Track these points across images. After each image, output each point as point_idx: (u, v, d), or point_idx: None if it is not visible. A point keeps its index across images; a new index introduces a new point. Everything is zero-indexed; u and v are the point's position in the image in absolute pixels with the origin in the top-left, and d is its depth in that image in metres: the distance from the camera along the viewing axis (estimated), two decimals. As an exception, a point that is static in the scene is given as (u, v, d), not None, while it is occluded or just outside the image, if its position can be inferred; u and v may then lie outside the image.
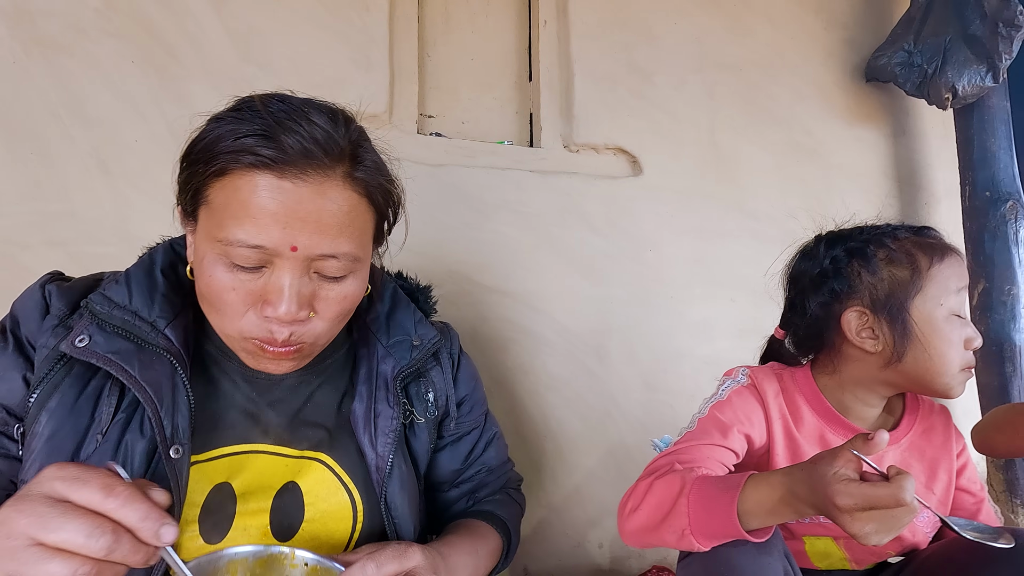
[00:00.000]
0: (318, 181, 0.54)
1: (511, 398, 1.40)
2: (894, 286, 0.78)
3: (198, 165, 0.56)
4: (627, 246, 1.55)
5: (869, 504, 0.51)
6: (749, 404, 0.81)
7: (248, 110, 0.55)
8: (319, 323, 0.58)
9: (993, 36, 1.62)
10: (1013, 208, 1.70)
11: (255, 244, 0.53)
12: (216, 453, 0.59)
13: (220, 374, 0.63)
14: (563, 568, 1.37)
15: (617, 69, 1.60)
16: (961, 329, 0.78)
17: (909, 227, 0.85)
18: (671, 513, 0.65)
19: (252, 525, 0.58)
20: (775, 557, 0.64)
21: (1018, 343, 1.66)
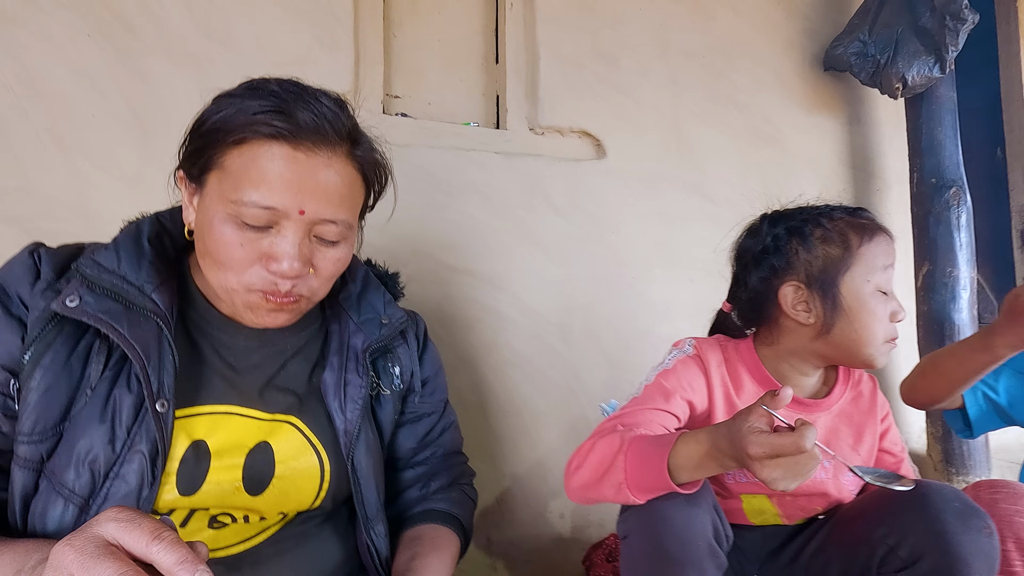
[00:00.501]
0: (327, 155, 0.61)
1: (476, 375, 1.44)
2: (827, 263, 0.83)
3: (217, 135, 0.60)
4: (591, 228, 1.59)
5: (775, 452, 0.56)
6: (692, 372, 0.86)
7: (263, 89, 0.62)
8: (315, 280, 0.64)
9: (941, 28, 1.69)
10: (956, 195, 1.79)
11: (268, 205, 0.58)
12: (194, 411, 0.63)
13: (201, 339, 0.66)
14: (525, 537, 1.43)
15: (583, 53, 1.63)
16: (886, 304, 0.83)
17: (845, 208, 0.90)
18: (610, 469, 0.70)
19: (225, 480, 0.61)
20: (704, 509, 0.69)
21: (957, 322, 1.76)
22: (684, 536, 0.69)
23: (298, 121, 0.59)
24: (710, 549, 0.70)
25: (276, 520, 0.66)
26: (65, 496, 0.56)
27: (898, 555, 0.73)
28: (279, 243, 0.60)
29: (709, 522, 0.70)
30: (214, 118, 0.61)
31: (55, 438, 0.57)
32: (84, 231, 1.14)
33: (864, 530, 0.78)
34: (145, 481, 0.57)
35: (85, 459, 0.56)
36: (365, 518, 0.69)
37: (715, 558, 0.71)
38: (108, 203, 1.17)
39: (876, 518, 0.77)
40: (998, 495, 0.84)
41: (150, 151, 1.21)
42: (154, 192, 1.19)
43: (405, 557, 0.70)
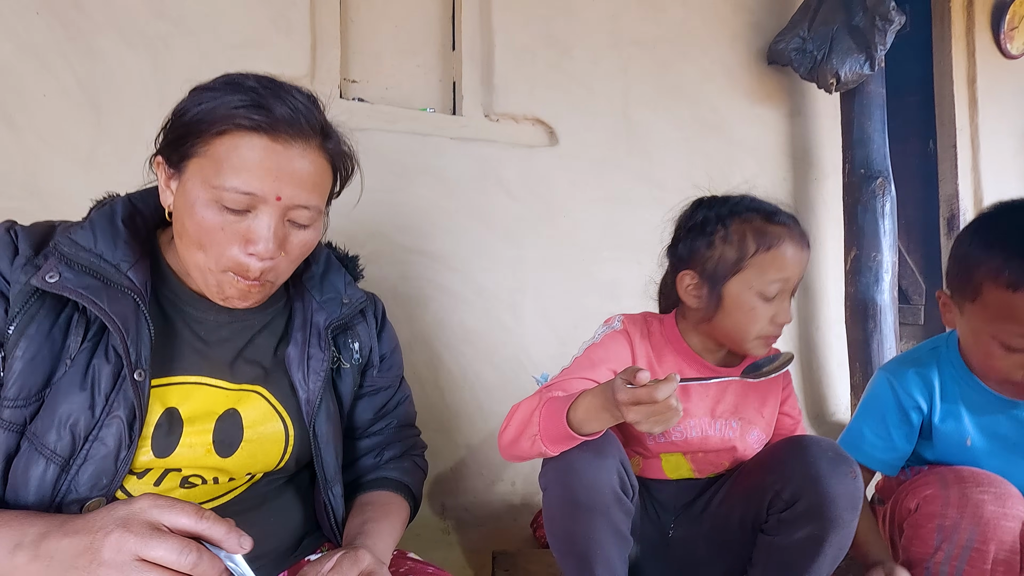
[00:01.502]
0: (301, 146, 0.66)
1: (430, 351, 1.51)
2: (720, 263, 0.90)
3: (200, 125, 0.65)
4: (542, 211, 1.66)
5: (635, 400, 0.66)
6: (619, 345, 0.94)
7: (242, 84, 0.66)
8: (283, 262, 0.69)
9: (871, 28, 1.80)
10: (882, 185, 1.93)
11: (248, 191, 0.63)
12: (168, 381, 0.68)
13: (174, 314, 0.71)
14: (478, 503, 1.52)
15: (537, 42, 1.68)
16: (767, 308, 0.89)
17: (765, 210, 0.92)
18: (528, 423, 0.79)
19: (197, 443, 0.67)
20: (610, 463, 0.79)
21: (880, 303, 1.91)
22: (592, 485, 0.78)
23: (275, 114, 0.64)
24: (616, 496, 0.80)
25: (244, 480, 0.72)
26: (47, 456, 0.60)
27: (782, 498, 0.83)
28: (256, 226, 0.65)
29: (615, 474, 0.79)
30: (195, 110, 0.65)
31: (38, 403, 0.61)
32: (36, 209, 1.15)
33: (758, 480, 0.88)
34: (123, 444, 0.62)
35: (66, 423, 0.60)
36: (324, 480, 0.76)
37: (621, 504, 0.81)
38: (60, 182, 1.19)
39: (767, 468, 0.88)
40: (986, 495, 0.85)
41: (103, 130, 1.23)
42: (107, 171, 1.22)
43: (358, 521, 0.77)
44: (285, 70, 1.39)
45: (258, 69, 1.37)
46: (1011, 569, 0.83)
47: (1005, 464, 0.92)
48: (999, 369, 0.88)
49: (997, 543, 0.83)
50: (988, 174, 2.71)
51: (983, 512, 0.83)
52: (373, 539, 0.72)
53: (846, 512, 0.80)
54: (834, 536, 0.80)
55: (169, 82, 1.27)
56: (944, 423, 0.96)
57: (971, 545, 0.84)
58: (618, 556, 0.84)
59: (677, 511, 0.97)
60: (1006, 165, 2.78)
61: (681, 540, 0.97)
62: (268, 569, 0.72)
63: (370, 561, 0.65)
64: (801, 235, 0.92)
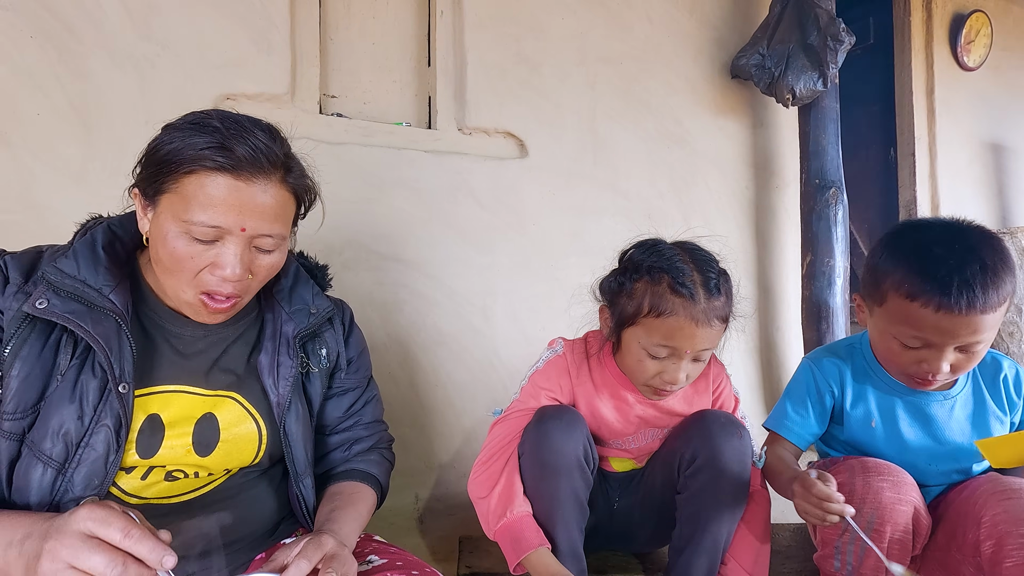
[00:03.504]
0: (263, 183, 0.73)
1: (405, 352, 1.61)
2: (623, 313, 0.98)
3: (167, 165, 0.71)
4: (512, 220, 1.76)
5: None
6: (559, 371, 1.05)
7: (206, 125, 0.72)
8: (252, 282, 0.77)
9: (824, 47, 1.92)
10: (835, 194, 2.05)
11: (215, 225, 0.71)
12: (150, 390, 0.76)
13: (154, 331, 0.79)
14: (449, 494, 1.62)
15: (507, 59, 1.78)
16: (653, 365, 0.96)
17: (677, 275, 0.93)
18: (488, 516, 0.97)
19: (178, 445, 0.76)
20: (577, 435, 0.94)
21: (832, 305, 2.04)
22: (560, 450, 0.93)
23: (237, 154, 0.71)
24: (579, 463, 0.95)
25: (222, 474, 0.81)
26: (44, 461, 0.69)
27: (686, 459, 0.99)
28: (224, 254, 0.73)
29: (580, 445, 0.94)
30: (166, 149, 0.72)
31: (34, 415, 0.70)
32: (30, 222, 1.23)
33: (671, 447, 1.04)
34: (111, 448, 0.70)
35: (59, 432, 0.69)
36: (295, 474, 0.85)
37: (582, 471, 0.95)
38: (54, 196, 1.27)
39: (677, 437, 1.04)
40: (885, 483, 0.94)
41: (93, 147, 1.31)
42: (97, 186, 1.31)
43: (327, 509, 0.86)
44: (266, 88, 1.48)
45: (240, 88, 1.46)
46: (904, 548, 0.94)
47: (899, 441, 1.05)
48: (899, 363, 1.00)
49: (892, 524, 0.92)
50: (944, 181, 2.85)
51: (882, 498, 0.93)
52: (339, 524, 0.81)
53: (733, 463, 0.96)
54: (725, 482, 0.96)
55: (156, 101, 1.36)
56: (854, 408, 1.08)
57: (871, 526, 0.94)
58: (575, 521, 0.97)
59: (622, 488, 1.12)
60: (961, 172, 2.92)
61: (623, 510, 1.11)
62: (246, 551, 0.82)
63: (333, 545, 0.72)
64: (704, 312, 0.92)
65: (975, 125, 3.01)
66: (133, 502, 0.74)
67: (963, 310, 0.87)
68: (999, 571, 0.86)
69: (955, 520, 0.97)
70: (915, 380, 1.00)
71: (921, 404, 1.05)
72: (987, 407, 1.05)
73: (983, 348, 0.94)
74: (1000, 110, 3.16)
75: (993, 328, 0.91)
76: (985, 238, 0.94)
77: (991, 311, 0.88)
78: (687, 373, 0.96)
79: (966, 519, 0.94)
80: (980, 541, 0.89)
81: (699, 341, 0.93)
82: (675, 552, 1.02)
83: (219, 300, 0.76)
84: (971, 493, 0.96)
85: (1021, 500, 0.88)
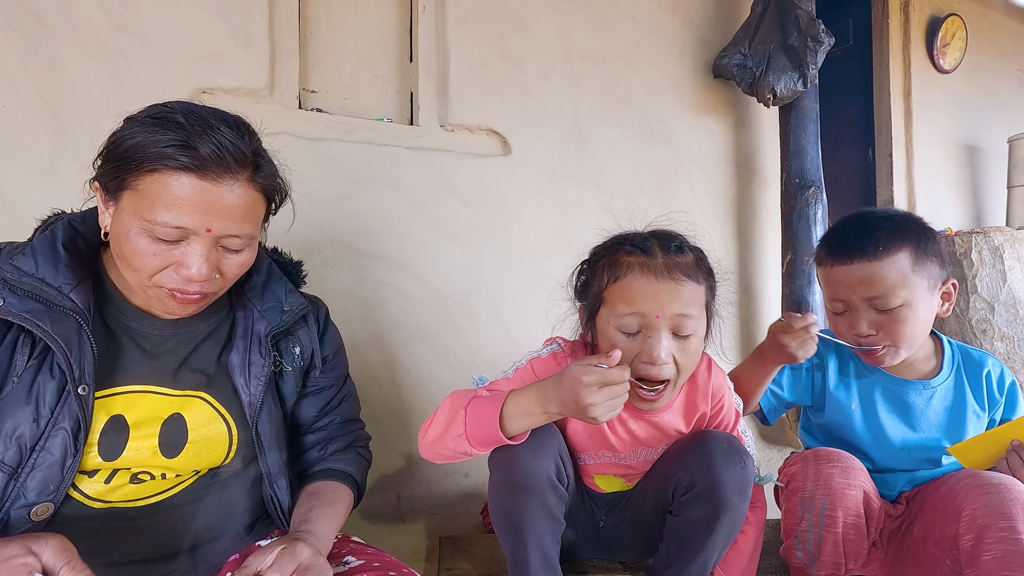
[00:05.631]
0: (229, 183, 0.70)
1: (387, 351, 1.59)
2: (592, 298, 0.91)
3: (128, 162, 0.68)
4: (496, 218, 1.75)
5: (605, 380, 0.72)
6: (556, 369, 0.92)
7: (170, 120, 0.69)
8: (222, 281, 0.75)
9: (804, 48, 1.94)
10: (815, 193, 2.07)
11: (179, 225, 0.68)
12: (113, 391, 0.73)
13: (119, 329, 0.77)
14: (432, 494, 1.61)
15: (491, 55, 1.77)
16: (629, 345, 0.85)
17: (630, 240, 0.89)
18: (452, 422, 0.83)
19: (143, 446, 0.73)
20: (549, 453, 0.87)
21: (812, 303, 2.06)
22: (530, 470, 0.86)
23: (201, 154, 0.67)
24: (550, 483, 0.88)
25: (190, 475, 0.79)
26: None
27: (682, 484, 0.92)
28: (189, 254, 0.70)
29: (552, 463, 0.87)
30: (127, 144, 0.68)
31: None
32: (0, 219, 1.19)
33: (666, 469, 0.96)
34: (68, 452, 0.68)
35: (12, 435, 0.66)
36: (268, 474, 0.83)
37: (555, 490, 0.88)
38: (22, 189, 1.23)
39: (673, 459, 0.96)
40: (834, 469, 0.96)
41: (64, 141, 1.27)
42: (68, 181, 1.26)
43: (303, 509, 0.84)
44: (244, 83, 1.45)
45: (217, 83, 1.43)
46: (859, 531, 0.97)
47: (876, 425, 1.08)
48: (839, 335, 1.06)
49: (844, 509, 0.95)
50: (921, 182, 2.91)
51: (832, 484, 0.96)
52: (316, 526, 0.79)
53: (734, 496, 0.89)
54: (724, 516, 0.90)
55: (129, 94, 1.32)
56: (837, 390, 1.11)
57: (824, 512, 0.96)
58: (550, 535, 0.92)
59: (608, 508, 1.07)
60: (937, 173, 2.98)
61: (610, 527, 1.07)
62: (218, 553, 0.80)
63: (308, 554, 0.71)
64: (665, 265, 0.85)
65: (951, 127, 3.08)
66: (96, 506, 0.72)
67: (850, 258, 0.99)
68: (977, 564, 0.87)
69: (933, 514, 0.98)
70: (866, 355, 1.04)
71: (900, 392, 1.08)
72: (966, 401, 1.07)
73: (903, 311, 0.98)
74: (975, 112, 3.23)
75: (895, 284, 0.97)
76: (887, 213, 1.04)
77: (877, 259, 0.97)
78: (670, 352, 0.85)
79: (945, 513, 0.95)
80: (959, 535, 0.90)
81: (666, 299, 0.83)
82: (662, 564, 0.99)
83: (187, 293, 0.74)
84: (950, 488, 0.97)
85: (1001, 495, 0.89)
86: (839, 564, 0.97)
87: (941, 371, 1.08)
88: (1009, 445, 0.95)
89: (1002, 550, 0.85)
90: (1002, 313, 2.27)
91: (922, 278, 0.99)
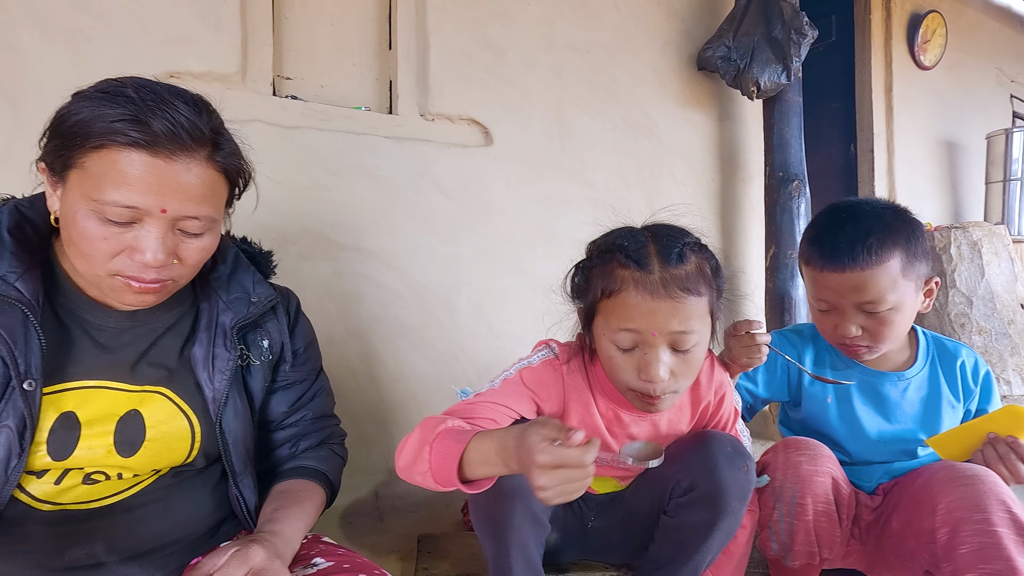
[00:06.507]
0: (185, 161, 0.66)
1: (365, 345, 1.55)
2: (587, 306, 0.86)
3: (74, 139, 0.64)
4: (477, 210, 1.72)
5: (560, 463, 0.59)
6: (552, 377, 0.89)
7: (120, 95, 0.64)
8: (182, 268, 0.70)
9: (788, 41, 1.93)
10: (798, 187, 2.07)
11: (129, 205, 0.64)
12: (63, 387, 0.69)
13: (71, 321, 0.72)
14: (411, 491, 1.57)
15: (472, 44, 1.73)
16: (625, 361, 0.81)
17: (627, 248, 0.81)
18: (418, 458, 0.74)
19: (97, 445, 0.69)
20: None
21: (794, 297, 2.06)
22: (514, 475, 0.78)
23: (154, 130, 0.63)
24: None
25: (149, 475, 0.75)
26: None
27: (682, 486, 0.88)
28: (143, 237, 0.66)
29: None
30: (73, 120, 0.64)
31: None
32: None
33: (664, 471, 0.87)
34: (13, 452, 0.64)
35: None
36: (233, 473, 0.80)
37: None
38: (-24, 177, 1.17)
39: (673, 459, 0.87)
40: (802, 457, 0.96)
41: (21, 126, 1.21)
42: (24, 168, 1.20)
43: (269, 509, 0.80)
44: (214, 67, 1.39)
45: (186, 67, 1.38)
46: (831, 519, 0.96)
47: (851, 418, 1.07)
48: (824, 332, 1.05)
49: (813, 496, 0.95)
50: (901, 177, 2.93)
51: (800, 471, 0.96)
52: (281, 525, 0.76)
53: (735, 501, 0.86)
54: (723, 521, 0.87)
55: (91, 77, 1.22)
56: (812, 384, 1.10)
57: (795, 501, 0.96)
58: (534, 539, 0.89)
59: (599, 508, 1.04)
60: (917, 168, 3.01)
61: (599, 528, 1.03)
62: (180, 555, 0.76)
63: (261, 558, 0.67)
64: (662, 281, 0.78)
65: (931, 123, 3.11)
66: (46, 508, 0.68)
67: (843, 266, 0.95)
68: (954, 558, 0.87)
69: (910, 507, 0.98)
70: (845, 349, 1.04)
71: (876, 384, 1.07)
72: (941, 392, 1.07)
73: (891, 314, 0.97)
74: (954, 109, 3.26)
75: (885, 290, 0.95)
76: (877, 210, 1.00)
77: (870, 268, 0.94)
78: (669, 367, 0.80)
79: (921, 506, 0.95)
80: (935, 528, 0.90)
81: (662, 318, 0.78)
82: (651, 564, 0.96)
83: (144, 281, 0.69)
84: (926, 480, 0.97)
85: (975, 487, 0.89)
86: (813, 553, 0.97)
87: (916, 362, 1.08)
88: (985, 438, 0.95)
89: (978, 543, 0.85)
90: (980, 307, 2.30)
91: (910, 280, 0.98)
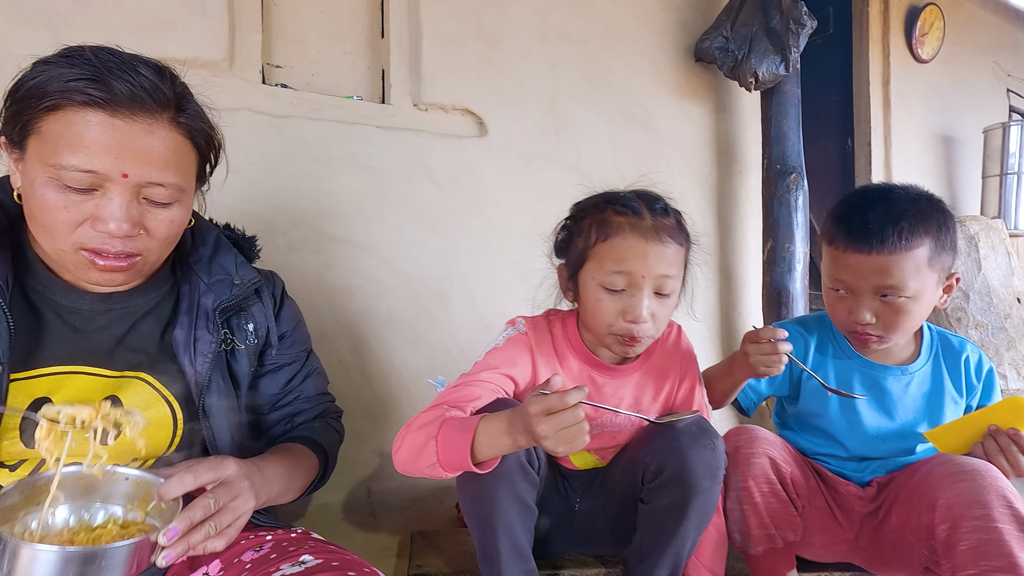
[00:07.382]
0: (147, 122, 0.63)
1: (357, 339, 1.52)
2: (576, 254, 0.92)
3: (30, 100, 0.62)
4: (471, 202, 1.69)
5: (546, 408, 0.67)
6: (519, 350, 0.95)
7: (78, 57, 0.63)
8: (150, 241, 0.67)
9: (786, 31, 1.90)
10: (796, 180, 2.05)
11: (88, 169, 0.61)
12: (36, 372, 0.67)
13: (43, 305, 0.70)
14: (404, 487, 1.55)
15: (466, 33, 1.70)
16: (612, 302, 0.88)
17: (619, 200, 0.91)
18: (423, 451, 0.79)
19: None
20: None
21: (792, 291, 2.04)
22: None
23: (113, 90, 0.61)
24: (520, 465, 0.85)
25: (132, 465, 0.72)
26: None
27: (651, 469, 0.90)
28: (105, 205, 0.63)
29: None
30: (29, 84, 0.62)
31: None
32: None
33: (635, 455, 0.95)
34: None
35: None
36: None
37: (525, 473, 0.86)
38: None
39: (642, 445, 0.94)
40: (739, 440, 0.99)
41: (-1, 112, 1.17)
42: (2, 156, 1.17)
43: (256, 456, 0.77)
44: (200, 54, 1.36)
45: (170, 52, 1.34)
46: (780, 499, 0.96)
47: (852, 412, 1.05)
48: (835, 316, 1.02)
49: (753, 478, 0.96)
50: (898, 170, 2.92)
51: (738, 456, 0.97)
52: (264, 463, 0.73)
53: (704, 480, 0.87)
54: (695, 501, 0.88)
55: None
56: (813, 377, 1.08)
57: (739, 486, 0.97)
58: (520, 522, 0.89)
59: (583, 488, 1.04)
60: (913, 162, 3.00)
61: (585, 512, 1.04)
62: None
63: (232, 471, 0.65)
64: (653, 227, 0.88)
65: (927, 117, 3.09)
66: None
67: (870, 248, 0.92)
68: (953, 554, 0.85)
69: (909, 503, 0.96)
70: (854, 336, 1.01)
71: (878, 377, 1.05)
72: (944, 387, 1.05)
73: (908, 303, 0.94)
74: (950, 103, 3.25)
75: (908, 277, 0.92)
76: (910, 196, 0.97)
77: (897, 252, 0.91)
78: (651, 311, 0.88)
79: (920, 502, 0.93)
80: (934, 524, 0.88)
81: (653, 260, 0.87)
82: (635, 557, 0.96)
83: (109, 257, 0.66)
84: (925, 475, 0.95)
85: (976, 481, 0.87)
86: (771, 536, 0.97)
87: (919, 356, 1.06)
88: (986, 430, 0.93)
89: (977, 539, 0.84)
90: (976, 301, 2.29)
91: (935, 271, 0.95)
